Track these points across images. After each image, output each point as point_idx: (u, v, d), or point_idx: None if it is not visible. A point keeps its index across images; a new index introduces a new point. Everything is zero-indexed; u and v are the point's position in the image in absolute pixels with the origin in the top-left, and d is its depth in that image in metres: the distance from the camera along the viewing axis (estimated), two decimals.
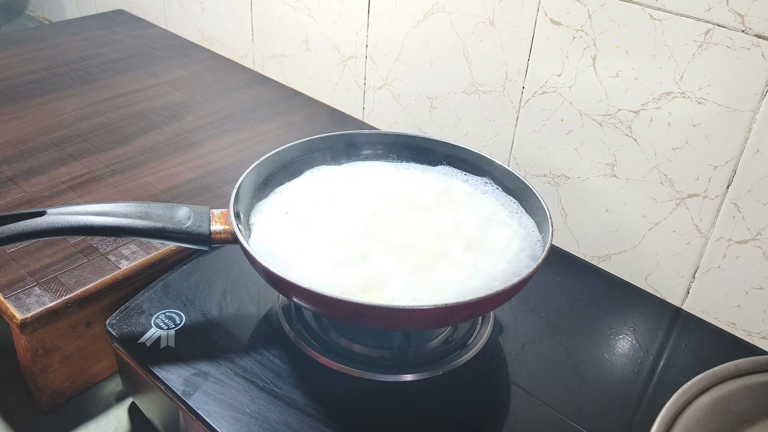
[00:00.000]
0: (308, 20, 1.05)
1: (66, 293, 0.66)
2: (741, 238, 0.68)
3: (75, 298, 0.66)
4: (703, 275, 0.73)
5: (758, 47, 0.62)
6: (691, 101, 0.67)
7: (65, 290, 0.67)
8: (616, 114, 0.73)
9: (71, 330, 0.68)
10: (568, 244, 0.83)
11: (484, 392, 0.63)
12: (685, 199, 0.71)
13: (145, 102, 1.06)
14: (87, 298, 0.67)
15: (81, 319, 0.68)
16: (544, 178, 0.83)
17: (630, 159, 0.74)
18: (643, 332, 0.71)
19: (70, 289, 0.67)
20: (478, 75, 0.85)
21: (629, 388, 0.64)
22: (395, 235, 0.65)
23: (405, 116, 0.97)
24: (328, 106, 1.09)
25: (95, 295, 0.68)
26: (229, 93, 1.11)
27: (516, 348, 0.68)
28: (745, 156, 0.66)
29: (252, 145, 0.96)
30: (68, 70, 1.14)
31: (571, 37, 0.74)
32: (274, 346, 0.64)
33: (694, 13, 0.65)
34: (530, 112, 0.81)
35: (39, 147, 0.91)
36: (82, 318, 0.68)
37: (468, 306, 0.54)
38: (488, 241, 0.65)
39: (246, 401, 0.59)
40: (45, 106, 1.02)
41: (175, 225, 0.60)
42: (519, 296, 0.60)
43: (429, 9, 0.87)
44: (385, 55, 0.96)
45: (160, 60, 1.21)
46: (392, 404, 0.61)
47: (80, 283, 0.68)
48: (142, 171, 0.88)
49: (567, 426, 0.60)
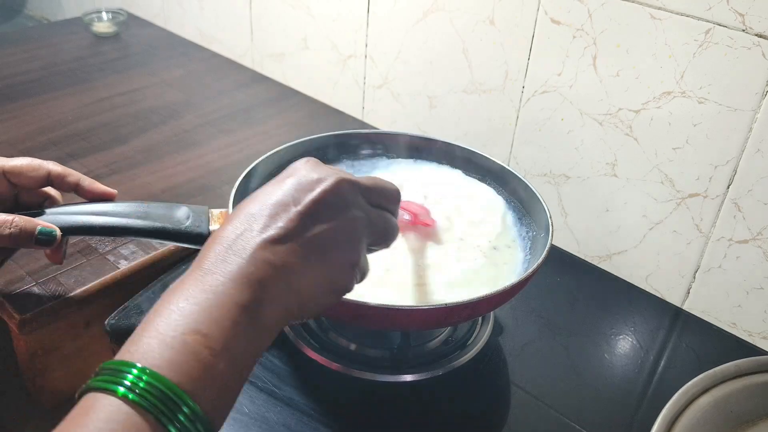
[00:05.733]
0: (307, 19, 1.04)
1: (65, 293, 0.66)
2: (742, 237, 0.68)
3: (74, 298, 0.66)
4: (704, 275, 0.72)
5: (759, 47, 0.62)
6: (691, 101, 0.67)
7: (64, 290, 0.67)
8: (617, 113, 0.73)
9: (70, 330, 0.68)
10: (568, 244, 0.83)
11: (484, 392, 0.63)
12: (685, 199, 0.71)
13: (143, 101, 1.06)
14: (86, 298, 0.67)
15: (80, 319, 0.68)
16: (545, 177, 0.83)
17: (630, 158, 0.74)
18: (644, 332, 0.71)
19: (69, 289, 0.67)
20: (478, 74, 0.85)
21: (629, 389, 0.64)
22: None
23: (404, 115, 0.97)
24: (328, 105, 1.08)
25: (94, 295, 0.68)
26: (228, 92, 1.11)
27: (516, 348, 0.68)
28: (745, 155, 0.65)
29: (251, 144, 0.96)
30: (66, 70, 1.14)
31: (571, 36, 0.74)
32: (273, 346, 0.64)
33: (694, 13, 0.65)
34: (530, 111, 0.81)
35: (37, 146, 0.91)
36: (81, 318, 0.68)
37: (468, 306, 0.54)
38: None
39: (245, 402, 0.58)
40: (43, 106, 1.02)
41: (174, 225, 0.60)
42: (519, 296, 0.60)
43: (428, 8, 0.87)
44: (384, 54, 0.96)
45: (159, 59, 1.21)
46: (392, 404, 0.61)
47: (79, 283, 0.68)
48: (140, 170, 0.88)
49: (567, 426, 0.60)
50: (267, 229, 0.41)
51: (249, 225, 0.41)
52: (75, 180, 0.61)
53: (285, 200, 0.42)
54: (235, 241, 0.40)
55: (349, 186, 0.44)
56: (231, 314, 0.37)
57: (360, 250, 0.45)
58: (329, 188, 0.43)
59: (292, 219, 0.41)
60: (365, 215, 0.45)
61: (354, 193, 0.45)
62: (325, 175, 0.44)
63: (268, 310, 0.39)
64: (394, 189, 0.49)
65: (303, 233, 0.41)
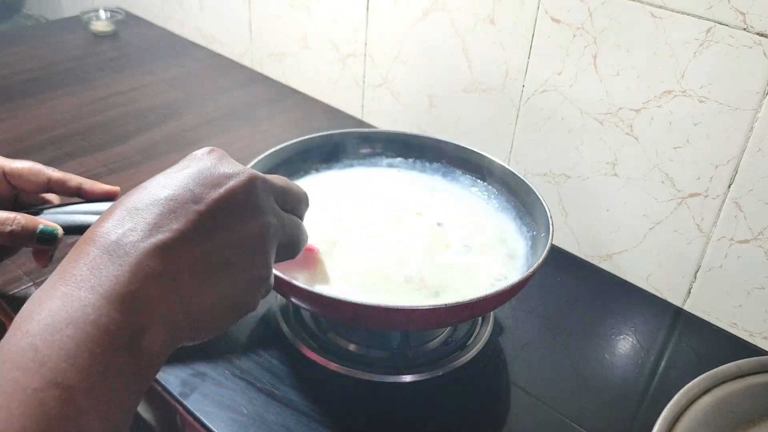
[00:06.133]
0: (307, 18, 1.04)
1: None
2: (743, 237, 0.68)
3: None
4: (705, 275, 0.72)
5: (760, 45, 0.61)
6: (692, 100, 0.67)
7: None
8: (617, 113, 0.73)
9: None
10: (569, 243, 0.83)
11: (484, 393, 0.63)
12: (686, 199, 0.71)
13: (142, 101, 1.06)
14: None
15: None
16: (545, 177, 0.82)
17: (631, 158, 0.74)
18: (644, 332, 0.71)
19: None
20: (477, 73, 0.85)
21: (630, 389, 0.64)
22: (394, 232, 0.65)
23: (404, 115, 0.97)
24: (327, 104, 1.08)
25: None
26: (227, 92, 1.11)
27: (516, 348, 0.68)
28: (746, 155, 0.65)
29: (251, 144, 0.96)
30: (65, 69, 1.14)
31: (571, 35, 0.74)
32: (272, 346, 0.64)
33: (695, 11, 0.64)
34: (530, 110, 0.81)
35: (36, 146, 0.91)
36: None
37: (467, 306, 0.53)
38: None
39: (244, 402, 0.58)
40: (42, 105, 1.02)
41: None
42: (519, 296, 0.60)
43: (428, 7, 0.87)
44: (384, 54, 0.96)
45: (158, 58, 1.21)
46: (392, 405, 0.60)
47: None
48: (140, 170, 0.88)
49: (567, 426, 0.59)
50: (157, 231, 0.32)
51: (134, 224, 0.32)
52: (76, 184, 0.60)
53: (182, 195, 0.34)
54: (115, 243, 0.32)
55: (263, 185, 0.37)
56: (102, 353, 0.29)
57: (270, 262, 0.38)
58: (239, 186, 0.36)
59: (190, 220, 0.33)
60: (278, 221, 0.39)
61: (267, 194, 0.38)
62: (234, 170, 0.37)
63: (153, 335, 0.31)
64: (304, 193, 0.44)
65: (203, 238, 0.34)
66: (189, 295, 0.33)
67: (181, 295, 0.32)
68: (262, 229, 0.37)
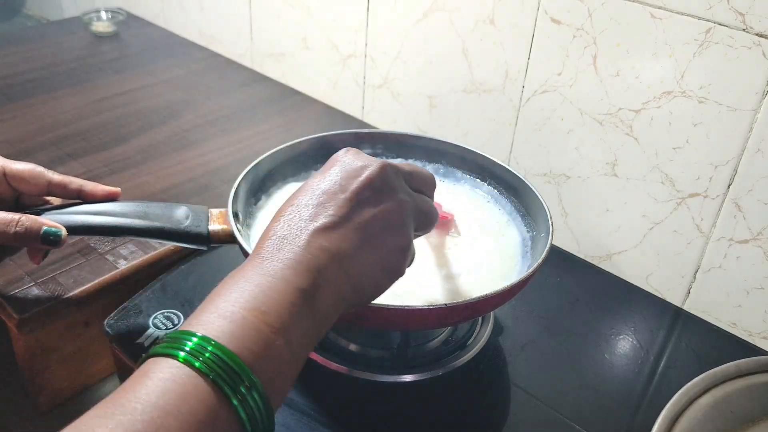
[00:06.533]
0: (307, 19, 1.04)
1: (64, 293, 0.66)
2: (742, 237, 0.68)
3: (73, 298, 0.66)
4: (704, 275, 0.72)
5: (759, 46, 0.62)
6: (691, 100, 0.67)
7: (63, 290, 0.66)
8: (617, 113, 0.73)
9: (69, 330, 0.68)
10: (568, 244, 0.83)
11: (484, 392, 0.63)
12: (685, 199, 0.71)
13: (143, 101, 1.06)
14: (85, 298, 0.67)
15: (79, 319, 0.68)
16: (545, 177, 0.83)
17: (630, 158, 0.74)
18: (644, 332, 0.71)
19: (68, 289, 0.67)
20: (477, 74, 0.85)
21: (630, 389, 0.64)
22: None
23: (404, 115, 0.97)
24: (327, 105, 1.08)
25: (93, 295, 0.68)
26: (227, 92, 1.11)
27: (516, 348, 0.68)
28: (746, 155, 0.65)
29: (250, 144, 0.96)
30: (66, 69, 1.14)
31: (571, 36, 0.74)
32: None
33: (694, 12, 0.64)
34: (530, 111, 0.81)
35: (37, 146, 0.91)
36: (80, 318, 0.68)
37: (468, 306, 0.54)
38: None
39: None
40: (43, 105, 1.02)
41: (174, 224, 0.60)
42: (519, 296, 0.60)
43: (428, 7, 0.87)
44: (384, 54, 0.96)
45: (159, 59, 1.21)
46: (392, 405, 0.61)
47: (78, 283, 0.67)
48: (140, 170, 0.88)
49: (567, 426, 0.59)
50: (318, 218, 0.42)
51: (300, 215, 0.42)
52: (77, 187, 0.61)
53: (332, 188, 0.44)
54: (289, 231, 0.41)
55: (393, 171, 0.45)
56: (289, 296, 0.38)
57: (410, 233, 0.46)
58: (374, 174, 0.44)
59: (341, 206, 0.43)
60: (411, 199, 0.46)
61: (398, 177, 0.46)
62: (368, 162, 0.45)
63: (324, 294, 0.40)
64: (431, 175, 0.51)
65: (353, 218, 0.43)
66: (348, 263, 0.42)
67: (341, 263, 0.41)
68: (397, 205, 0.45)
